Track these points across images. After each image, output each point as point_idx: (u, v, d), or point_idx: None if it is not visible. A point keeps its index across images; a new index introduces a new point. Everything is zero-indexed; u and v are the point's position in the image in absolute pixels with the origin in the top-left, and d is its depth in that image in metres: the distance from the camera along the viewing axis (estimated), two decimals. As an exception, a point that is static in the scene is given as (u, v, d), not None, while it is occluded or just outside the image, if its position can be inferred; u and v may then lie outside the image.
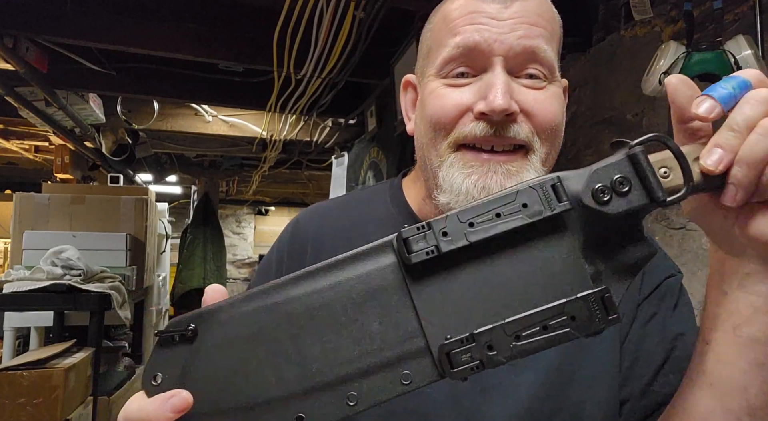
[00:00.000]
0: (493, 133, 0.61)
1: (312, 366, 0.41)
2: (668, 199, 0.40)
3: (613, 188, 0.40)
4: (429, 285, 0.41)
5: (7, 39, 2.39)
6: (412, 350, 0.40)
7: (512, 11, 0.62)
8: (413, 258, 0.40)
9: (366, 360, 0.41)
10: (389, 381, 0.40)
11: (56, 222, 3.10)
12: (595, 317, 0.39)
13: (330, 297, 0.42)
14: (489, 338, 0.39)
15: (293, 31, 2.35)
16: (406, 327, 0.41)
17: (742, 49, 1.36)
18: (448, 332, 0.40)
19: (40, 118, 3.26)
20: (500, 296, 0.41)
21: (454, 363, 0.39)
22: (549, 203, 0.40)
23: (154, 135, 4.48)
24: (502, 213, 0.40)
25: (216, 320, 0.42)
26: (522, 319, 0.40)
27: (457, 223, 0.40)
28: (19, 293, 2.34)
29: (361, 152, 3.73)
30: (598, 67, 2.08)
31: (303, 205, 8.90)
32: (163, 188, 7.18)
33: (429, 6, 0.72)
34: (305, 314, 0.41)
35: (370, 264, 0.42)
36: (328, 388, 0.40)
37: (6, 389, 1.94)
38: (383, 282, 0.42)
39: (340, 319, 0.41)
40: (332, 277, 0.42)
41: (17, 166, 6.43)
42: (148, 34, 2.56)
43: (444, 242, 0.40)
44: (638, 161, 0.40)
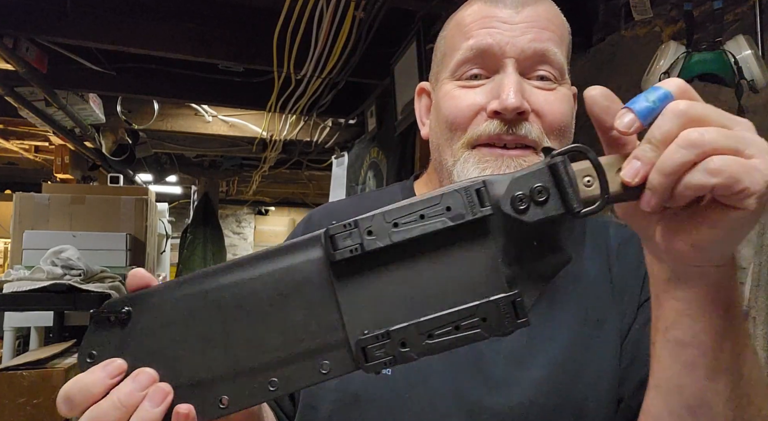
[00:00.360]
0: (506, 131, 0.63)
1: (238, 352, 0.43)
2: (583, 210, 0.41)
3: (532, 197, 0.41)
4: (352, 281, 0.43)
5: (7, 39, 2.40)
6: (332, 342, 0.42)
7: (523, 16, 0.66)
8: (337, 255, 0.42)
9: (288, 349, 0.43)
10: (309, 369, 0.42)
11: (56, 222, 3.10)
12: (505, 319, 0.41)
13: (258, 287, 0.43)
14: (403, 335, 0.41)
15: (293, 31, 2.35)
16: (328, 320, 0.43)
17: (742, 49, 1.36)
18: (367, 328, 0.42)
19: (40, 118, 3.26)
20: (419, 296, 0.42)
21: (369, 357, 0.41)
22: (471, 208, 0.42)
23: (154, 135, 4.47)
24: (426, 215, 0.42)
25: (149, 304, 0.44)
26: (436, 319, 0.42)
27: (382, 222, 0.42)
28: (19, 293, 2.34)
29: (361, 152, 3.73)
30: (598, 67, 2.08)
31: (303, 205, 8.90)
32: (163, 188, 7.18)
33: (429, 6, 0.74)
34: (233, 302, 0.43)
35: (299, 257, 0.44)
36: (251, 373, 0.43)
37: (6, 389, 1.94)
38: (309, 275, 0.43)
39: (266, 309, 0.43)
40: (262, 267, 0.44)
41: (17, 166, 6.43)
42: (148, 34, 2.56)
43: (368, 240, 0.42)
44: (557, 171, 0.41)
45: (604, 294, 0.69)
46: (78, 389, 0.42)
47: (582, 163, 0.42)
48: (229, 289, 0.44)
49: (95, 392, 0.42)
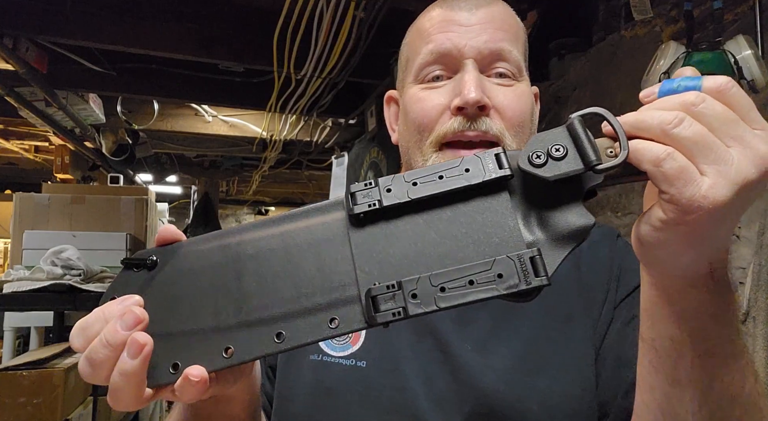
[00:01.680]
0: (469, 126, 0.66)
1: (248, 303, 0.43)
2: (602, 165, 0.40)
3: (549, 154, 0.41)
4: (369, 238, 0.43)
5: (7, 39, 2.39)
6: (345, 297, 0.42)
7: (478, 17, 0.70)
8: (356, 209, 0.43)
9: (299, 303, 0.43)
10: (317, 324, 0.42)
11: (56, 222, 3.10)
12: (522, 277, 0.40)
13: (277, 243, 0.45)
14: (414, 286, 0.40)
15: (293, 31, 2.35)
16: (342, 276, 0.43)
17: (742, 49, 1.36)
18: (378, 280, 0.42)
19: (40, 118, 3.26)
20: (435, 251, 0.42)
21: (379, 308, 0.40)
22: (490, 169, 0.42)
23: (154, 135, 4.47)
24: (445, 176, 0.43)
25: (175, 254, 0.46)
26: (449, 272, 0.40)
27: (402, 182, 0.43)
28: (19, 293, 2.34)
29: (361, 152, 3.73)
30: (598, 67, 2.08)
31: (303, 205, 8.87)
32: (163, 188, 7.18)
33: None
34: (252, 255, 0.44)
35: (320, 218, 0.45)
36: (259, 324, 0.42)
37: (6, 389, 1.94)
38: (329, 234, 0.44)
39: (282, 263, 0.44)
40: (284, 226, 0.45)
41: (17, 166, 6.43)
42: (148, 34, 2.56)
43: (387, 195, 0.43)
44: (574, 129, 0.42)
45: (571, 292, 0.70)
46: (95, 318, 0.42)
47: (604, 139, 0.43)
48: (250, 243, 0.45)
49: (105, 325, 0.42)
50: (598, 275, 0.71)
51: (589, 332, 0.68)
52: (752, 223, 1.42)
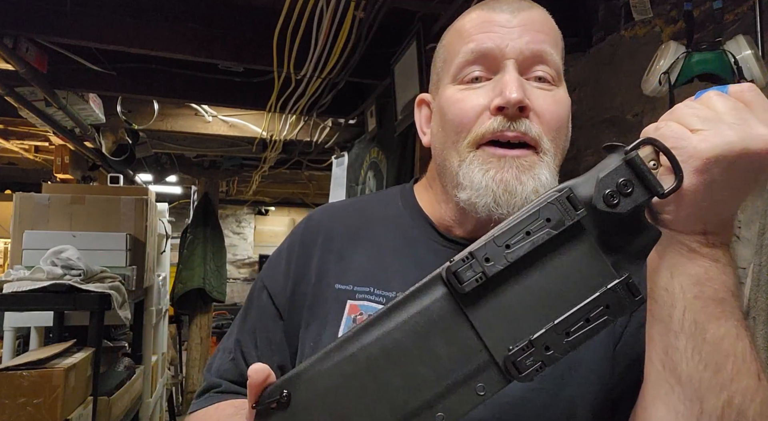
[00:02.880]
0: (508, 126, 0.66)
1: (399, 398, 0.46)
2: (667, 190, 0.46)
3: (620, 191, 0.46)
4: (482, 306, 0.47)
5: (7, 39, 2.39)
6: (480, 365, 0.46)
7: (520, 20, 0.70)
8: (466, 288, 0.46)
9: (442, 382, 0.46)
10: (467, 395, 0.46)
11: (56, 222, 3.10)
12: (625, 301, 0.46)
13: (399, 335, 0.47)
14: (545, 340, 0.45)
15: (293, 31, 2.35)
16: (470, 346, 0.46)
17: (742, 49, 1.36)
18: (508, 343, 0.46)
19: (40, 118, 3.25)
20: (543, 303, 0.46)
21: (521, 368, 0.45)
22: (568, 213, 0.47)
23: (154, 135, 4.47)
24: (531, 230, 0.46)
25: (303, 381, 0.47)
26: (568, 318, 0.46)
27: (495, 247, 0.46)
28: (19, 293, 2.34)
29: (361, 152, 3.73)
30: (598, 67, 2.08)
31: (303, 205, 8.89)
32: (163, 188, 7.18)
33: (429, 6, 0.76)
34: (381, 355, 0.47)
35: (426, 299, 0.47)
36: (418, 413, 0.46)
37: (6, 389, 1.94)
38: (441, 312, 0.47)
39: (412, 352, 0.47)
40: (396, 318, 0.47)
41: (17, 166, 6.43)
42: (148, 34, 2.56)
43: (488, 266, 0.46)
44: (636, 165, 0.47)
45: None
46: None
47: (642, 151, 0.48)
48: (373, 345, 0.47)
49: None
50: None
51: (609, 337, 0.68)
52: (752, 223, 1.42)
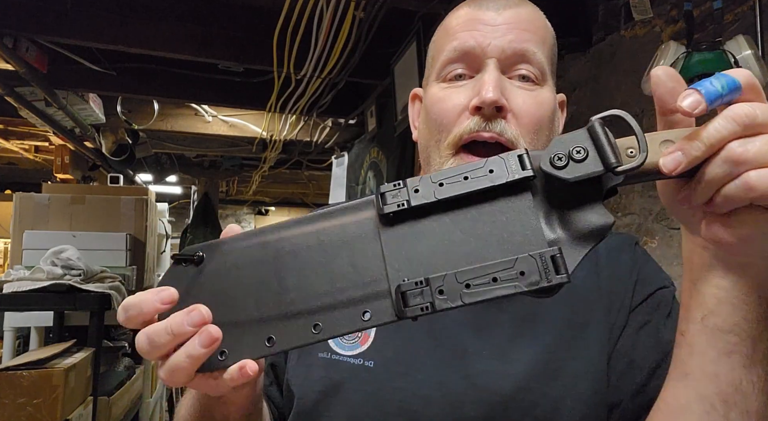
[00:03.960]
0: (484, 127, 0.66)
1: (288, 296, 0.46)
2: (621, 167, 0.42)
3: (570, 156, 0.43)
4: (398, 236, 0.46)
5: (7, 39, 2.39)
6: (376, 291, 0.45)
7: (505, 17, 0.69)
8: (386, 209, 0.45)
9: (335, 296, 0.46)
10: (351, 316, 0.45)
11: (56, 222, 3.10)
12: (544, 275, 0.42)
13: (313, 240, 0.48)
14: (441, 283, 0.43)
15: (293, 31, 2.35)
16: (374, 272, 0.45)
17: (742, 49, 1.36)
18: (407, 276, 0.44)
19: (40, 118, 3.25)
20: (460, 249, 0.44)
21: (408, 303, 0.43)
22: (512, 169, 0.44)
23: (154, 135, 4.47)
24: (470, 177, 0.45)
25: (220, 250, 0.49)
26: (474, 269, 0.43)
27: (429, 183, 0.45)
28: (19, 293, 2.34)
29: (361, 152, 3.73)
30: (598, 67, 2.08)
31: (303, 205, 8.89)
32: (163, 188, 7.17)
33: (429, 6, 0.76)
34: (290, 252, 0.48)
35: (353, 216, 0.48)
36: (298, 316, 0.46)
37: (6, 389, 1.94)
38: (360, 232, 0.47)
39: (318, 259, 0.47)
40: (318, 224, 0.48)
41: (17, 166, 6.43)
42: (148, 34, 2.56)
43: (414, 196, 0.45)
44: (595, 131, 0.43)
45: (590, 298, 0.70)
46: (132, 303, 0.47)
47: (624, 138, 0.44)
48: (287, 240, 0.48)
49: (145, 310, 0.46)
50: (617, 282, 0.71)
51: (604, 337, 0.68)
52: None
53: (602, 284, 0.71)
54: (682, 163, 0.41)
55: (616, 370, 0.67)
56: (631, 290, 0.70)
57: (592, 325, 0.68)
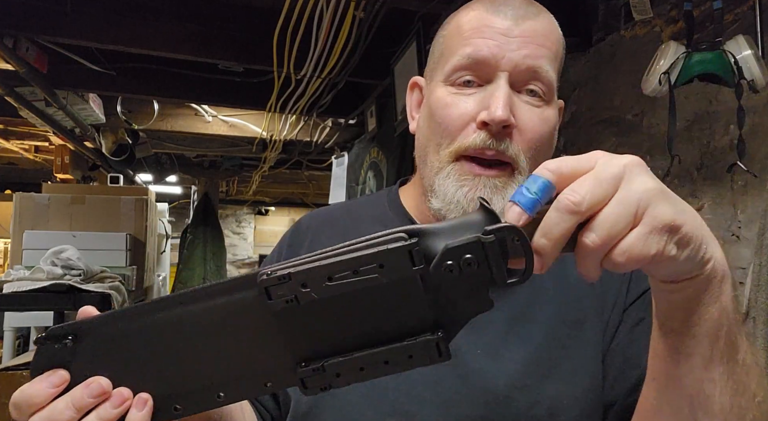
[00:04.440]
0: (489, 144, 0.66)
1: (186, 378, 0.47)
2: (508, 281, 0.45)
3: (460, 267, 0.44)
4: (290, 321, 0.46)
5: (7, 39, 2.39)
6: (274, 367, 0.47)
7: (521, 29, 0.67)
8: (275, 306, 0.45)
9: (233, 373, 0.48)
10: (252, 387, 0.48)
11: (56, 222, 3.10)
12: (428, 357, 0.46)
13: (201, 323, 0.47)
14: (338, 368, 0.46)
15: (293, 31, 2.35)
16: (271, 350, 0.47)
17: (742, 49, 1.36)
18: (304, 359, 0.47)
19: (40, 118, 3.25)
20: (353, 333, 0.46)
21: (307, 385, 0.47)
22: (404, 267, 0.45)
23: (154, 135, 4.47)
24: (360, 271, 0.45)
25: (93, 333, 0.47)
26: (368, 355, 0.46)
27: (317, 276, 0.45)
28: (19, 293, 2.34)
29: (361, 152, 3.73)
30: (598, 67, 2.08)
31: (303, 205, 8.90)
32: (163, 188, 7.18)
33: (429, 6, 0.75)
34: (178, 336, 0.47)
35: (240, 294, 0.47)
36: (199, 391, 0.48)
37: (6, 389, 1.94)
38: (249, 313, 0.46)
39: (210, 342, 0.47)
40: (204, 303, 0.47)
41: (17, 166, 6.43)
42: (148, 34, 2.56)
43: (302, 292, 0.45)
44: (489, 250, 0.44)
45: (584, 296, 0.70)
46: (22, 397, 0.45)
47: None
48: (172, 325, 0.47)
49: (37, 401, 0.44)
50: (611, 280, 0.71)
51: (599, 336, 0.68)
52: (752, 223, 1.42)
53: (596, 282, 0.71)
54: (546, 264, 0.44)
55: (611, 369, 0.67)
56: (625, 288, 0.70)
57: (586, 323, 0.69)
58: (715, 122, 1.59)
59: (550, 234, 0.43)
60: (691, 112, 1.65)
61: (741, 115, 1.35)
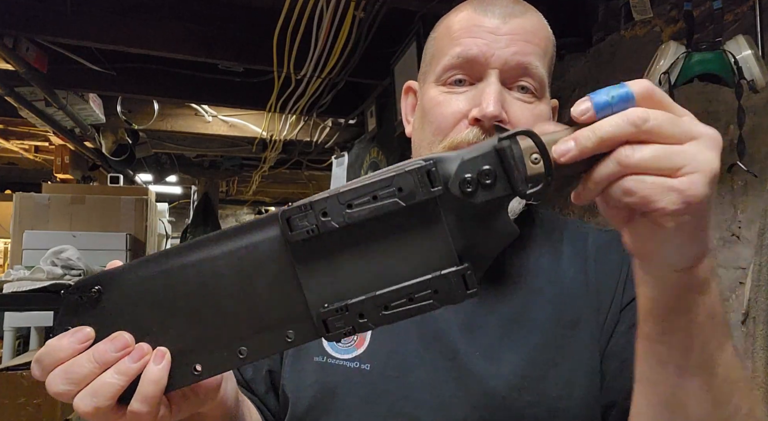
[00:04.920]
0: (482, 140, 0.66)
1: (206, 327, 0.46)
2: (529, 191, 0.43)
3: (479, 180, 0.43)
4: (311, 258, 0.45)
5: (7, 39, 2.40)
6: (295, 315, 0.45)
7: (509, 27, 0.69)
8: (294, 237, 0.44)
9: (254, 323, 0.45)
10: (276, 339, 0.45)
11: (56, 222, 3.10)
12: (456, 292, 0.44)
13: (220, 266, 0.45)
14: (361, 308, 0.44)
15: (293, 31, 2.35)
16: (291, 296, 0.45)
17: (742, 49, 1.36)
18: (327, 301, 0.44)
19: (40, 118, 3.26)
20: (375, 270, 0.45)
21: (330, 328, 0.44)
22: (422, 188, 0.43)
23: (154, 135, 4.47)
24: (379, 196, 0.43)
25: (118, 282, 0.46)
26: (391, 292, 0.44)
27: (336, 204, 0.44)
28: (19, 293, 2.34)
29: (361, 152, 3.73)
30: (598, 67, 2.08)
31: (303, 205, 8.89)
32: (163, 188, 7.18)
33: (429, 6, 0.75)
34: (198, 280, 0.46)
35: (259, 235, 0.45)
36: (221, 344, 0.46)
37: (6, 389, 1.94)
38: (270, 253, 0.45)
39: (230, 286, 0.45)
40: (223, 246, 0.46)
41: (17, 166, 6.43)
42: (148, 34, 2.56)
43: (323, 221, 0.43)
44: (505, 155, 0.43)
45: (579, 296, 0.70)
46: (47, 352, 0.45)
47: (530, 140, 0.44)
48: (192, 268, 0.45)
49: (62, 356, 0.44)
50: (607, 279, 0.71)
51: (595, 336, 0.68)
52: (752, 223, 1.42)
53: (591, 281, 0.71)
54: (572, 151, 0.42)
55: (609, 370, 0.67)
56: (621, 287, 0.70)
57: (582, 323, 0.69)
58: (715, 122, 1.59)
59: (599, 130, 0.41)
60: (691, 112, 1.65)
61: (741, 116, 1.35)
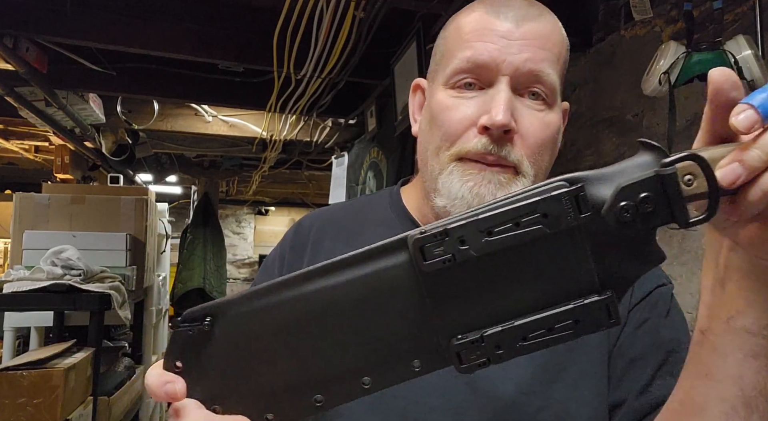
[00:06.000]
0: (491, 150, 0.65)
1: (328, 359, 0.43)
2: (691, 221, 0.39)
3: (638, 208, 0.39)
4: (442, 285, 0.41)
5: (7, 39, 2.39)
6: (424, 343, 0.42)
7: (522, 32, 0.66)
8: (429, 267, 0.40)
9: (379, 354, 0.43)
10: (402, 368, 0.43)
11: (56, 222, 3.10)
12: (598, 321, 0.41)
13: (341, 295, 0.42)
14: (498, 339, 0.41)
15: (293, 31, 2.35)
16: (418, 324, 0.42)
17: (742, 49, 1.36)
18: (458, 330, 0.41)
19: (40, 118, 3.25)
20: (509, 299, 0.41)
21: (464, 360, 0.42)
22: (570, 214, 0.40)
23: (154, 135, 4.47)
24: (522, 223, 0.40)
25: (230, 314, 0.43)
26: (531, 322, 0.41)
27: (475, 231, 0.40)
28: (19, 293, 2.34)
29: (361, 152, 3.73)
30: (598, 67, 2.08)
31: (303, 205, 8.90)
32: (163, 188, 7.18)
33: (429, 6, 0.74)
34: (319, 311, 0.43)
35: (384, 262, 0.42)
36: (344, 375, 0.43)
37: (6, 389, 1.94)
38: (397, 281, 0.42)
39: (353, 318, 0.43)
40: (346, 274, 0.43)
41: (17, 166, 6.43)
42: (148, 34, 2.56)
43: (461, 250, 0.40)
44: (669, 184, 0.39)
45: None
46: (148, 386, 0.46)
47: (682, 162, 0.39)
48: (311, 298, 0.43)
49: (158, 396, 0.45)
50: None
51: (603, 337, 0.68)
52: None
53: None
54: (742, 176, 0.38)
55: (617, 370, 0.67)
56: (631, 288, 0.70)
57: None
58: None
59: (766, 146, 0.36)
60: (691, 112, 1.64)
61: (741, 115, 1.35)
